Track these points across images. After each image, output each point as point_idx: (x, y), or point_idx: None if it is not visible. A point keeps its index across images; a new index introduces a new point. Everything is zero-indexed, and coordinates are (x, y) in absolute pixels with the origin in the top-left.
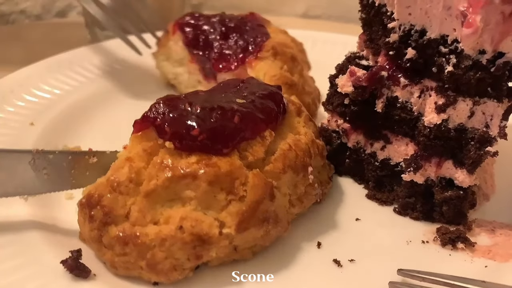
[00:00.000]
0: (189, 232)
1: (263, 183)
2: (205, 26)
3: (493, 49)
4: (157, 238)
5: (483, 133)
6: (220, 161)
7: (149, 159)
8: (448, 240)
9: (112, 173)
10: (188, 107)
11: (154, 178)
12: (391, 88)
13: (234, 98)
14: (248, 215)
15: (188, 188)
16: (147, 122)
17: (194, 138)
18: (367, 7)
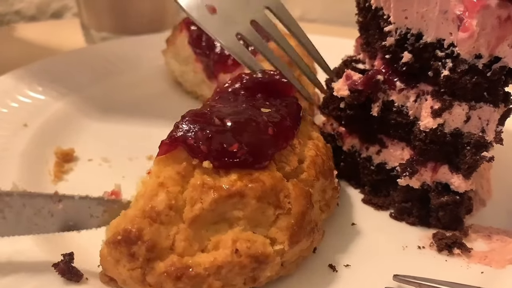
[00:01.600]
0: (246, 254)
1: (304, 193)
2: None
3: (489, 53)
4: (212, 266)
5: (479, 138)
6: (262, 176)
7: (184, 182)
8: (445, 246)
9: (146, 203)
10: (218, 122)
11: (198, 202)
12: (387, 92)
13: (258, 108)
14: (297, 228)
15: (235, 208)
16: (177, 143)
17: (234, 154)
18: (364, 10)
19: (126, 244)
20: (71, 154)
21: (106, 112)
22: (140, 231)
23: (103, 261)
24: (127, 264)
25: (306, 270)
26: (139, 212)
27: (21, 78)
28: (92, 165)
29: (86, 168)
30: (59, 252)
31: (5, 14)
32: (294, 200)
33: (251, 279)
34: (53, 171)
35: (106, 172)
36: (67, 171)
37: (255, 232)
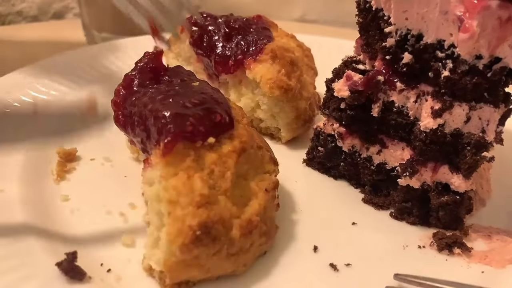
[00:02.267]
0: (270, 188)
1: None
2: (210, 27)
3: (490, 54)
4: (260, 210)
5: (479, 138)
6: (239, 130)
7: (200, 165)
8: (445, 245)
9: (192, 196)
10: (189, 105)
11: (226, 171)
12: (387, 92)
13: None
14: (272, 155)
15: (243, 162)
16: (178, 135)
17: (219, 123)
18: (364, 11)
19: (207, 233)
20: (74, 154)
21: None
22: (209, 217)
23: (174, 270)
24: (212, 250)
25: (306, 269)
26: (191, 206)
27: (22, 78)
28: (94, 165)
29: (89, 168)
30: (62, 250)
31: (7, 15)
32: (258, 137)
33: (277, 206)
34: (56, 170)
35: (108, 172)
36: (70, 171)
37: (259, 173)
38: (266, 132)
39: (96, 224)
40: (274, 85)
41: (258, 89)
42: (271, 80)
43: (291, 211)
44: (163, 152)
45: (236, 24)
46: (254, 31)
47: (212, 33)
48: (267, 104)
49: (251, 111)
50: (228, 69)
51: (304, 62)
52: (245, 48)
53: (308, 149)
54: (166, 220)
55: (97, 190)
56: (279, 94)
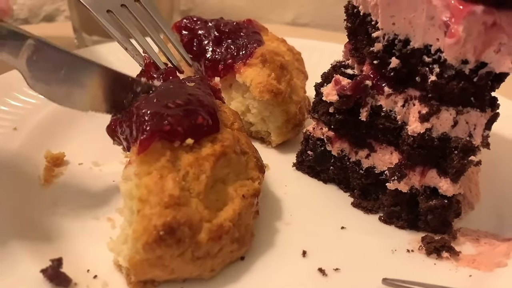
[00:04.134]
0: (249, 195)
1: (245, 136)
2: (200, 31)
3: (476, 59)
4: (234, 216)
5: (467, 142)
6: (223, 134)
7: (175, 166)
8: (433, 249)
9: (161, 195)
10: (172, 105)
11: (201, 174)
12: (375, 97)
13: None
14: (259, 161)
15: (223, 166)
16: (154, 134)
17: (201, 125)
18: (352, 16)
19: (171, 234)
20: (61, 158)
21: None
22: (175, 218)
23: (139, 268)
24: (176, 251)
25: (295, 273)
26: (159, 206)
27: (11, 82)
28: (82, 169)
29: (77, 172)
30: (48, 257)
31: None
32: (246, 143)
33: (256, 213)
34: (43, 175)
35: (96, 176)
36: (57, 175)
37: (241, 179)
38: (256, 136)
39: (83, 229)
40: (264, 89)
41: (248, 93)
42: (261, 84)
43: (280, 215)
44: (138, 150)
45: (226, 28)
46: (244, 35)
47: (202, 37)
48: (257, 108)
49: (241, 115)
50: (218, 73)
51: (294, 66)
52: (235, 52)
53: (297, 152)
54: (134, 217)
55: (85, 195)
56: (269, 98)
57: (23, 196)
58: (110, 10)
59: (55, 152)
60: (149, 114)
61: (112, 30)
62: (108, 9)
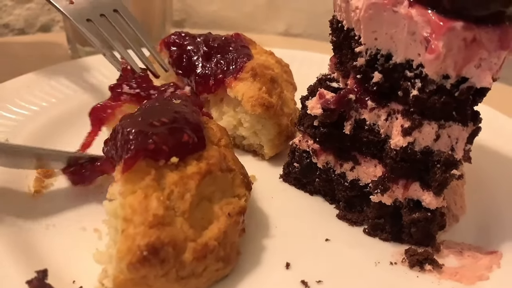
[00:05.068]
0: (235, 213)
1: (232, 154)
2: (189, 46)
3: (457, 74)
4: (219, 234)
5: (449, 156)
6: (209, 152)
7: (160, 184)
8: (416, 262)
9: (145, 215)
10: (157, 123)
11: (186, 193)
12: (359, 110)
13: (170, 101)
14: (246, 178)
15: (208, 184)
16: (139, 153)
17: (187, 143)
18: (337, 30)
19: (155, 254)
20: (51, 170)
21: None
22: (159, 238)
23: (123, 287)
24: (160, 271)
25: (278, 286)
26: (143, 226)
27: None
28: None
29: (66, 184)
30: (33, 268)
31: None
32: (232, 160)
33: (242, 231)
34: (33, 186)
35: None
36: (47, 186)
37: (227, 197)
38: (249, 149)
39: (70, 240)
40: (256, 103)
41: (239, 107)
42: (253, 98)
43: (265, 227)
44: (123, 169)
45: (215, 43)
46: (233, 49)
47: (191, 52)
48: (249, 121)
49: (233, 128)
50: (209, 88)
51: (283, 78)
52: (225, 67)
53: (284, 164)
54: (119, 237)
55: (74, 206)
56: (261, 112)
57: (11, 206)
58: (90, 19)
59: None
60: (134, 133)
61: (91, 38)
62: (88, 18)
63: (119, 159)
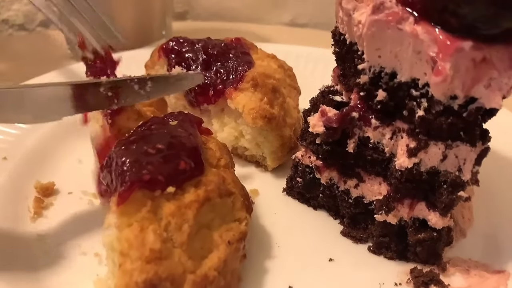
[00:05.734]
0: (235, 240)
1: (231, 173)
2: (187, 54)
3: (465, 94)
4: (219, 264)
5: (455, 178)
6: (208, 177)
7: (157, 216)
8: (421, 283)
9: (142, 250)
10: (152, 150)
11: (184, 223)
12: (362, 128)
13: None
14: (247, 201)
15: (207, 212)
16: (133, 185)
17: (184, 171)
18: (339, 42)
19: None
20: (51, 188)
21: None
22: (156, 273)
23: None
24: None
25: None
26: (140, 261)
27: None
28: (72, 199)
29: (66, 203)
30: None
31: None
32: (232, 182)
33: (243, 257)
34: (33, 207)
35: (86, 207)
36: (47, 206)
37: (226, 223)
38: (251, 160)
39: (70, 265)
40: (257, 115)
41: (241, 118)
42: (254, 110)
43: (267, 247)
44: (117, 201)
45: (214, 50)
46: (233, 56)
47: (190, 61)
48: (251, 134)
49: (235, 139)
50: (208, 99)
51: (286, 83)
52: (225, 76)
53: (287, 178)
54: (116, 271)
55: (74, 228)
56: (263, 124)
57: (11, 229)
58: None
59: (45, 182)
60: (128, 163)
61: (49, 14)
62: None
63: (114, 190)
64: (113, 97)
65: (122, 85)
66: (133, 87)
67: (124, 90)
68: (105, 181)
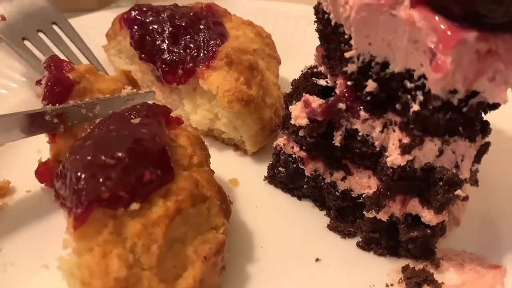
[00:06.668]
0: (211, 254)
1: (207, 173)
2: (152, 25)
3: (466, 88)
4: (195, 283)
5: (452, 176)
6: (178, 183)
7: (121, 237)
8: (414, 284)
9: (106, 279)
10: (111, 161)
11: (152, 244)
12: (350, 120)
13: (128, 122)
14: (224, 203)
15: (179, 225)
16: (91, 205)
17: (149, 181)
18: (323, 20)
19: None
20: (6, 187)
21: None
22: None
23: None
24: None
25: None
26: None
27: None
28: (31, 198)
29: (25, 203)
30: None
31: None
32: (207, 183)
33: (222, 269)
34: None
35: (47, 207)
36: (2, 208)
37: (202, 233)
38: (229, 143)
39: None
40: (234, 98)
41: (215, 100)
42: (229, 92)
43: (249, 248)
44: (74, 225)
45: (182, 21)
46: (204, 27)
47: (155, 33)
48: (227, 117)
49: (210, 122)
50: (178, 79)
51: (265, 53)
52: (195, 52)
53: (268, 165)
54: None
55: (34, 235)
56: (240, 108)
57: None
58: (26, 37)
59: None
60: (83, 180)
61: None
62: (24, 37)
63: (70, 209)
64: (59, 123)
65: (69, 111)
66: (80, 111)
67: (70, 115)
68: (61, 193)
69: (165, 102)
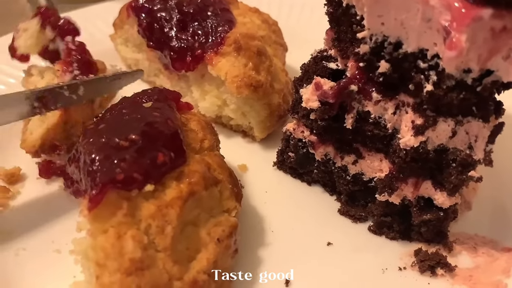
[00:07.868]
0: (224, 236)
1: (218, 157)
2: (160, 13)
3: (480, 67)
4: (209, 266)
5: (466, 157)
6: (191, 166)
7: (135, 218)
8: (427, 267)
9: (120, 261)
10: (125, 143)
11: (166, 226)
12: (362, 102)
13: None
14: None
15: (192, 207)
16: (106, 186)
17: (163, 163)
18: (334, 3)
19: None
20: (17, 174)
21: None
22: (139, 287)
23: None
24: None
25: None
26: (120, 273)
27: None
28: (41, 185)
29: (36, 190)
30: None
31: None
32: (219, 167)
33: (235, 252)
34: None
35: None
36: (14, 196)
37: (214, 216)
38: (238, 130)
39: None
40: (242, 84)
41: (223, 86)
42: (238, 77)
43: (260, 233)
44: (89, 206)
45: (190, 7)
46: (212, 14)
47: (163, 21)
48: (236, 103)
49: (218, 109)
50: (186, 65)
51: (271, 40)
52: (203, 38)
53: (277, 151)
54: (93, 283)
55: (46, 221)
56: (249, 93)
57: None
58: None
59: (10, 168)
60: (98, 162)
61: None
62: None
63: (84, 191)
64: (41, 107)
65: (49, 94)
66: (62, 93)
67: (52, 98)
68: (75, 177)
69: (173, 90)
